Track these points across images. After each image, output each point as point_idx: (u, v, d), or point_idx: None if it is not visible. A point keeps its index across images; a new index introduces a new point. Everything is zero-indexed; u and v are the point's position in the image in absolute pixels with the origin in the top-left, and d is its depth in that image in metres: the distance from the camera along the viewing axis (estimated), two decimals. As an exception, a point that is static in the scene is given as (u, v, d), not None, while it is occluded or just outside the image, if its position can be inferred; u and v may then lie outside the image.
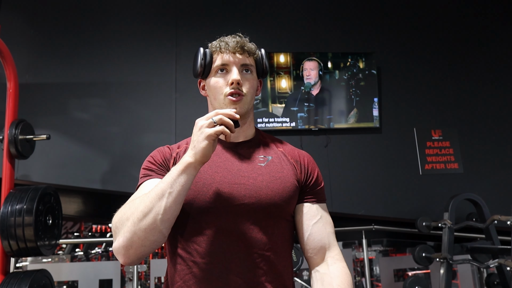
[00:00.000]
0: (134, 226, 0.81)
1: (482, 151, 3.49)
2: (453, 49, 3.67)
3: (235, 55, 0.98)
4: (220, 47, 0.99)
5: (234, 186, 0.93)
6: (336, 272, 0.95)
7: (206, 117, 0.86)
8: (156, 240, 0.83)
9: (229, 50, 0.98)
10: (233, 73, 0.97)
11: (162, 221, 0.82)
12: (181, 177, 0.83)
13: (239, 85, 0.96)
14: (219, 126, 0.85)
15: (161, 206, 0.81)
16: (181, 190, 0.83)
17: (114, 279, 2.87)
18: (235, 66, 0.98)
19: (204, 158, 0.85)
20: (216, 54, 1.00)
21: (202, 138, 0.84)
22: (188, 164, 0.84)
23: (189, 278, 0.90)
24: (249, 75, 1.00)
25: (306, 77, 3.34)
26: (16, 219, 1.90)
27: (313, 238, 0.98)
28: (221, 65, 0.98)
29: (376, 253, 4.24)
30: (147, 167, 0.98)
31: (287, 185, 0.96)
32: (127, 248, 0.82)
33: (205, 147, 0.83)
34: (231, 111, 0.87)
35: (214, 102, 1.00)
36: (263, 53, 1.05)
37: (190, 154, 0.85)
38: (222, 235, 0.90)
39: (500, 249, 2.57)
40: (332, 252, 0.98)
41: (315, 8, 3.58)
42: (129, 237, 0.82)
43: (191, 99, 3.23)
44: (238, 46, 0.98)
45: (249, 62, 1.00)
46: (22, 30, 3.18)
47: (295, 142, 3.26)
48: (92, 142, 3.08)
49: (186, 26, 3.39)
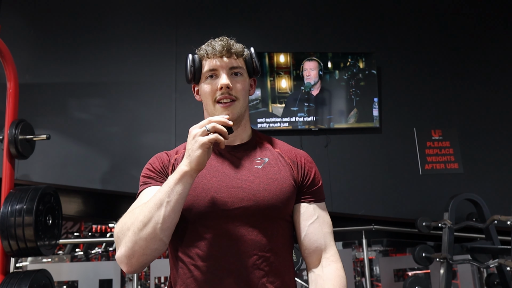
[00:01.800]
0: (135, 236, 0.83)
1: (482, 151, 3.49)
2: (453, 49, 3.67)
3: (222, 59, 0.97)
4: (207, 52, 0.98)
5: (232, 190, 0.93)
6: (329, 275, 0.95)
7: (200, 125, 0.87)
8: (157, 248, 0.85)
9: (215, 55, 0.97)
10: (221, 78, 0.96)
11: (161, 230, 0.83)
12: (178, 186, 0.84)
13: (229, 89, 0.96)
14: (212, 134, 0.85)
15: (160, 216, 0.83)
16: (178, 198, 0.84)
17: (114, 279, 2.87)
18: (224, 70, 0.97)
19: (199, 166, 0.85)
20: (204, 60, 0.99)
21: (196, 147, 0.84)
22: (184, 173, 0.85)
23: (190, 281, 0.91)
24: (239, 77, 1.00)
25: (306, 77, 3.34)
26: (16, 219, 1.90)
27: (308, 238, 0.98)
28: (210, 70, 0.98)
29: (376, 253, 4.24)
30: (146, 174, 0.99)
31: (284, 186, 0.96)
32: (129, 257, 0.84)
33: (199, 156, 0.84)
34: (223, 118, 0.87)
35: (207, 107, 1.00)
36: (252, 52, 1.03)
37: (185, 163, 0.86)
38: (221, 238, 0.91)
39: (500, 249, 2.58)
40: (327, 253, 0.99)
41: (315, 8, 3.58)
42: (130, 246, 0.83)
43: (191, 99, 3.21)
44: (224, 49, 0.97)
45: (238, 64, 0.99)
46: (22, 30, 3.18)
47: (295, 142, 3.26)
48: (92, 142, 3.08)
49: (186, 26, 3.39)
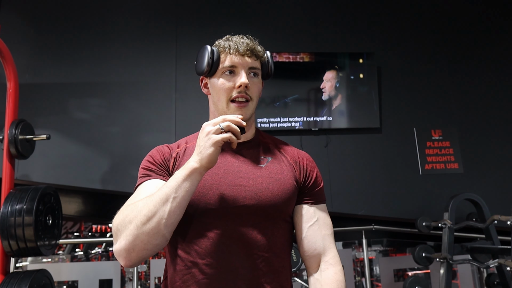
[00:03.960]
0: (137, 229, 0.81)
1: (482, 151, 3.49)
2: (453, 49, 3.67)
3: (244, 58, 0.96)
4: (229, 48, 0.97)
5: (234, 187, 0.92)
6: (327, 280, 0.95)
7: (213, 123, 0.86)
8: (158, 244, 0.84)
9: (238, 52, 0.96)
10: (241, 76, 0.95)
11: (165, 225, 0.82)
12: (186, 182, 0.83)
13: (246, 88, 0.95)
14: (226, 133, 0.84)
15: (165, 211, 0.81)
16: (185, 195, 0.83)
17: (114, 279, 2.86)
18: (244, 69, 0.96)
19: (210, 164, 0.85)
20: (224, 55, 0.97)
21: (209, 145, 0.83)
22: (194, 169, 0.84)
23: (188, 278, 0.90)
24: (256, 78, 0.99)
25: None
26: (16, 219, 1.90)
27: (307, 241, 0.98)
28: (230, 66, 0.96)
29: (376, 253, 4.24)
30: (147, 167, 0.97)
31: (286, 187, 0.96)
32: (129, 251, 0.82)
33: (211, 153, 0.83)
34: (238, 118, 0.86)
35: (217, 103, 0.98)
36: (269, 56, 1.03)
37: (195, 160, 0.84)
38: (221, 236, 0.90)
39: (500, 249, 2.57)
40: (326, 256, 0.98)
41: (315, 8, 3.58)
42: (131, 240, 0.81)
43: (191, 99, 3.23)
44: (248, 49, 0.96)
45: (257, 65, 0.99)
46: (22, 30, 3.18)
47: (295, 142, 3.26)
48: (92, 142, 3.08)
49: (186, 26, 3.39)
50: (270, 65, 1.03)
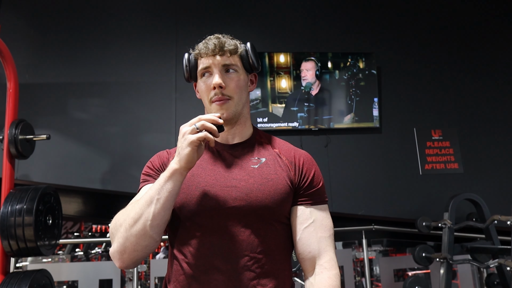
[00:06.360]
0: (126, 232, 0.84)
1: (482, 151, 3.49)
2: (453, 49, 3.67)
3: (215, 58, 0.96)
4: (200, 52, 0.98)
5: (226, 188, 0.92)
6: (320, 284, 0.92)
7: (189, 124, 0.87)
8: (147, 245, 0.86)
9: (208, 54, 0.96)
10: (214, 77, 0.95)
11: (151, 227, 0.84)
12: (167, 184, 0.85)
13: (222, 88, 0.95)
14: (201, 132, 0.85)
15: (149, 213, 0.84)
16: (168, 196, 0.85)
17: (114, 279, 2.86)
18: (216, 68, 0.96)
19: (189, 164, 0.85)
20: (198, 59, 0.99)
21: (185, 145, 0.84)
22: (174, 170, 0.85)
23: (182, 278, 0.92)
24: (233, 74, 0.98)
25: (302, 78, 3.34)
26: (16, 219, 1.89)
27: (302, 243, 0.95)
28: (203, 69, 0.97)
29: (376, 253, 4.24)
30: (146, 172, 1.01)
31: (279, 187, 0.94)
32: (121, 253, 0.86)
33: (188, 154, 0.84)
34: (214, 116, 0.87)
35: (205, 105, 1.01)
36: (248, 48, 1.00)
37: (175, 161, 0.86)
38: (213, 237, 0.90)
39: (500, 249, 2.57)
40: (321, 259, 0.95)
41: (315, 8, 3.58)
42: (122, 242, 0.85)
43: (191, 99, 3.23)
44: (217, 48, 0.96)
45: (231, 61, 0.97)
46: (22, 30, 3.18)
47: (295, 142, 3.26)
48: (92, 142, 3.08)
49: (186, 26, 3.38)
50: (250, 57, 1.00)
